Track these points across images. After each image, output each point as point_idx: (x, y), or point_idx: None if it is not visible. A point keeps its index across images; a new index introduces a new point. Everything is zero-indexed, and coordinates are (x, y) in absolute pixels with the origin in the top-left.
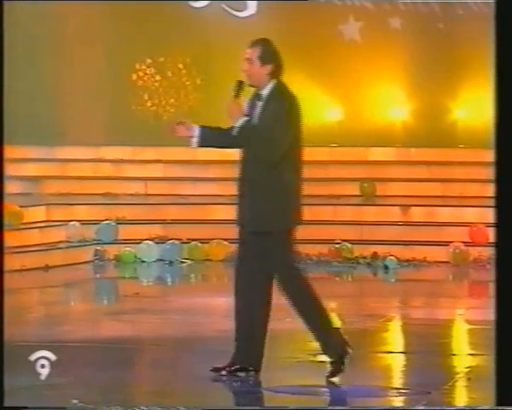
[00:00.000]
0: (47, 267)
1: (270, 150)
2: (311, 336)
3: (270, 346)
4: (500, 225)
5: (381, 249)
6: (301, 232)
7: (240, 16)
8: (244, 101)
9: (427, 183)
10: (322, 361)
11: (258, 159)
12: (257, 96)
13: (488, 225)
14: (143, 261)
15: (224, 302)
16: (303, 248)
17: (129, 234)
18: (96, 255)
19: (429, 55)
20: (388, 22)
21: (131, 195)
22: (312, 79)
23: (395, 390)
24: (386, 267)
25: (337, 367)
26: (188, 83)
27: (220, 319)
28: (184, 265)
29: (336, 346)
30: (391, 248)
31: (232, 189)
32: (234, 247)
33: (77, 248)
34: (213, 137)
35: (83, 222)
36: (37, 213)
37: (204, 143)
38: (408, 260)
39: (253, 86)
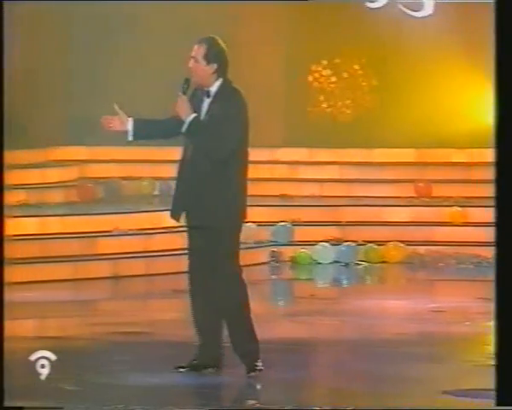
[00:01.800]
0: None
1: (218, 147)
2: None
3: (449, 349)
4: (500, 225)
5: None
6: (477, 235)
7: (416, 16)
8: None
9: None
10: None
11: (206, 155)
12: (205, 93)
13: None
14: (319, 263)
15: (400, 305)
16: (480, 251)
17: (304, 236)
18: (272, 257)
19: None
20: None
21: (307, 196)
22: (491, 80)
23: None
24: None
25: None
26: (364, 84)
27: (396, 322)
28: (360, 267)
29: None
30: None
31: (409, 190)
32: (411, 249)
33: (253, 249)
34: (148, 129)
35: (259, 224)
36: None
37: (139, 136)
38: None
39: (199, 84)
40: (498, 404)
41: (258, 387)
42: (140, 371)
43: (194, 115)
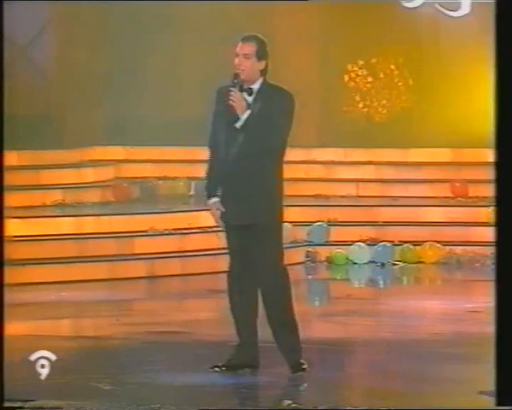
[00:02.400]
0: None
1: (271, 143)
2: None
3: (486, 349)
4: (500, 225)
5: None
6: None
7: (453, 16)
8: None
9: None
10: None
11: (259, 152)
12: (247, 91)
13: None
14: (355, 263)
15: (436, 305)
16: None
17: (340, 236)
18: (307, 257)
19: None
20: None
21: (343, 196)
22: None
23: None
24: None
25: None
26: (400, 84)
27: (432, 322)
28: (396, 267)
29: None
30: None
31: (445, 190)
32: (447, 249)
33: (288, 249)
34: (217, 184)
35: (294, 224)
36: None
37: (215, 193)
38: None
39: (244, 81)
40: (498, 404)
41: (294, 387)
42: (175, 371)
43: (249, 112)
